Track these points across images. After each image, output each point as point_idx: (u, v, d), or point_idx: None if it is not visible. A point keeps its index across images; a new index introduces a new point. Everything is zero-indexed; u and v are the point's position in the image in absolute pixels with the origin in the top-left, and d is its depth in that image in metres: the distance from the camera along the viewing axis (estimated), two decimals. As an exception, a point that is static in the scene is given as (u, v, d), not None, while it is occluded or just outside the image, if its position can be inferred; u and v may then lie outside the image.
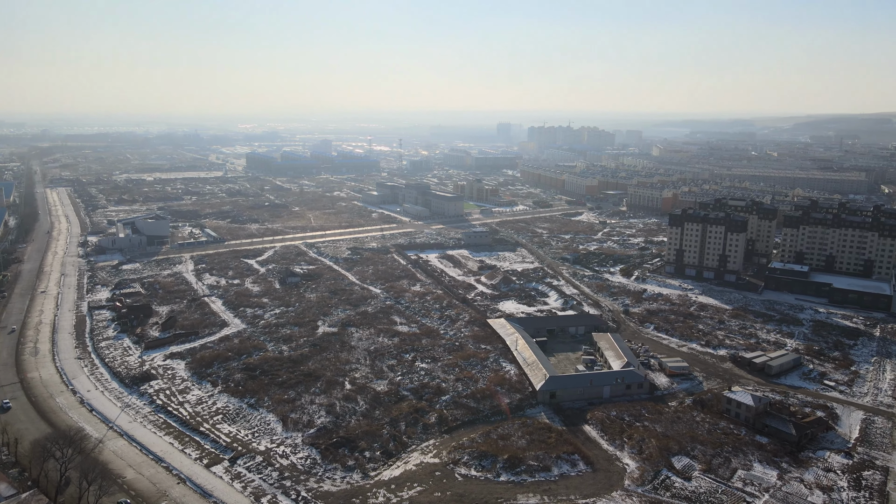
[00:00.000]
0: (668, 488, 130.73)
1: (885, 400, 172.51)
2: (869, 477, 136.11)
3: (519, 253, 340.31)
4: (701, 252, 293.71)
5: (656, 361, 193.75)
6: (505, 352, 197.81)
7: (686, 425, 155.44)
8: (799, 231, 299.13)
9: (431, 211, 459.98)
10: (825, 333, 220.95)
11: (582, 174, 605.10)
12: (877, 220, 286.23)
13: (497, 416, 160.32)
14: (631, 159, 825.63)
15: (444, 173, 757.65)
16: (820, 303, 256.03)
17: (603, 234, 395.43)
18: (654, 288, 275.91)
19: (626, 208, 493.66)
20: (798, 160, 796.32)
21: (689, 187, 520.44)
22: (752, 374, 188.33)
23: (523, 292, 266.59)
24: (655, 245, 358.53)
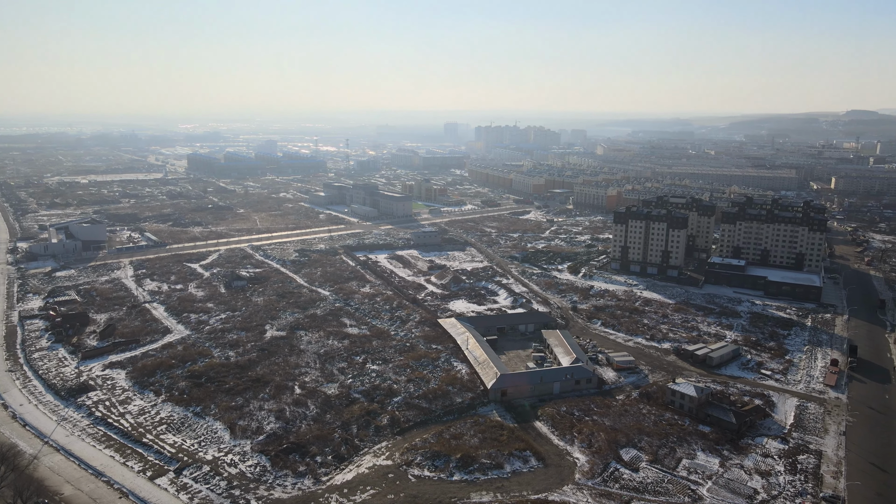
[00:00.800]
0: (616, 480, 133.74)
1: (816, 387, 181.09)
2: (804, 461, 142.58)
3: (468, 252, 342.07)
4: (645, 248, 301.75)
5: (604, 356, 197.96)
6: (456, 351, 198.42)
7: (633, 418, 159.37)
8: (736, 227, 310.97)
9: (380, 211, 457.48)
10: (761, 325, 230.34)
11: (529, 173, 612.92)
12: (806, 215, 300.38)
13: (450, 416, 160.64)
14: (576, 158, 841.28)
15: (392, 173, 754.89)
16: (756, 295, 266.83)
17: (550, 232, 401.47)
18: (601, 284, 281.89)
19: (573, 206, 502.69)
20: (734, 158, 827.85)
21: (633, 185, 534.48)
22: (695, 365, 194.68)
23: (473, 291, 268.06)
24: (601, 242, 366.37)
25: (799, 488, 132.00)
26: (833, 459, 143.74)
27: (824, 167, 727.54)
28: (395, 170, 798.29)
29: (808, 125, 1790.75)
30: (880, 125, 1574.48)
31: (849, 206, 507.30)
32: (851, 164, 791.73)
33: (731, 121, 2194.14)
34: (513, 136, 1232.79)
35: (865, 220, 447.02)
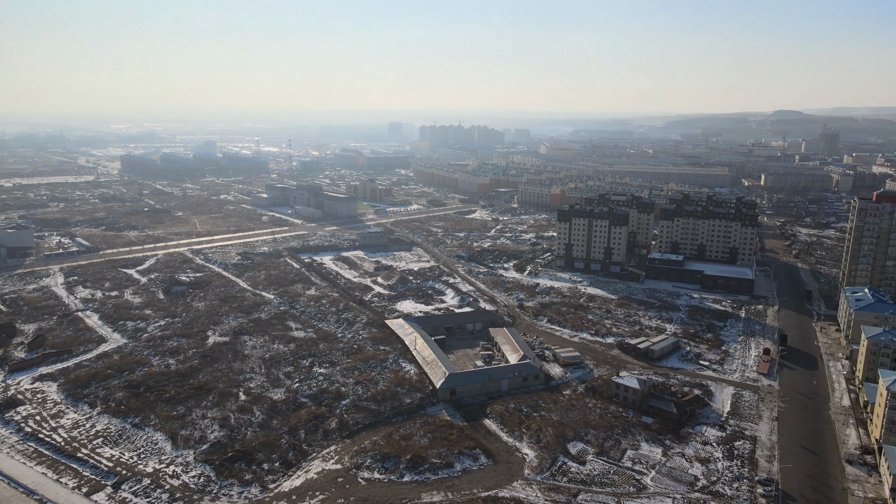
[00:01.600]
0: (564, 474, 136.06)
1: (750, 375, 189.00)
2: (740, 446, 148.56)
3: (415, 252, 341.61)
4: (588, 245, 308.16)
5: (550, 353, 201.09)
6: (404, 352, 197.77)
7: (580, 412, 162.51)
8: (674, 223, 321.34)
9: (324, 212, 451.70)
10: (699, 317, 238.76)
11: (474, 172, 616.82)
12: (739, 211, 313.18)
13: (399, 417, 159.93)
14: (520, 157, 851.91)
15: (336, 174, 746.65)
16: (694, 289, 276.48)
17: (496, 230, 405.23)
18: (546, 282, 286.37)
19: (518, 205, 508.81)
20: (671, 157, 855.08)
21: (575, 184, 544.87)
22: (638, 358, 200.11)
23: (420, 291, 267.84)
24: (546, 240, 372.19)
25: (736, 473, 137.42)
26: (767, 444, 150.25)
27: (754, 165, 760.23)
28: (340, 170, 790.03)
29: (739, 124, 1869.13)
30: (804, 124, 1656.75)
31: (777, 201, 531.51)
32: (779, 161, 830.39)
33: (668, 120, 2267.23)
34: (457, 136, 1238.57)
35: (793, 215, 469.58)
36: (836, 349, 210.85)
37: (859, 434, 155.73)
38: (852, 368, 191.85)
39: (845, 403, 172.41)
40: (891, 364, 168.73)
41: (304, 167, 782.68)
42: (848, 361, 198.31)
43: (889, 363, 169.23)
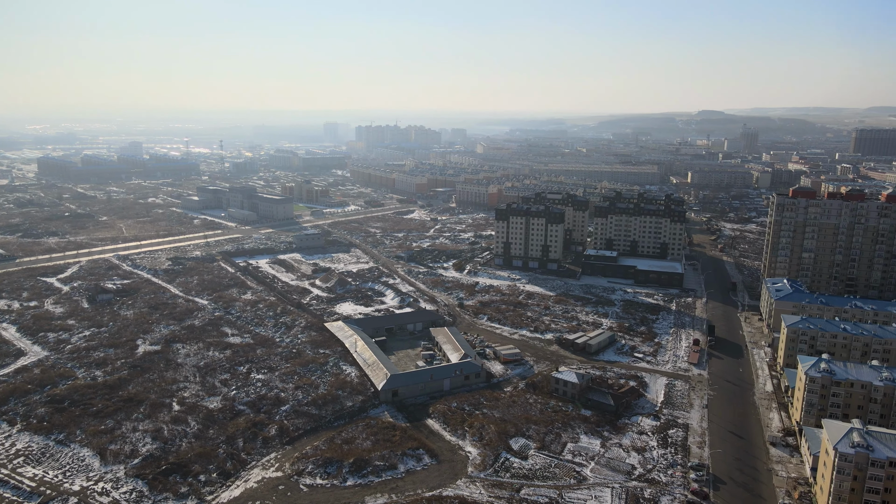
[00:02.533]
0: (507, 469, 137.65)
1: (682, 365, 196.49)
2: (673, 434, 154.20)
3: (353, 254, 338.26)
4: (526, 243, 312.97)
5: (491, 350, 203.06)
6: (344, 354, 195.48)
7: (521, 408, 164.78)
8: (607, 220, 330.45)
9: (259, 215, 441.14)
10: (633, 311, 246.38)
11: (411, 172, 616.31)
12: (668, 208, 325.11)
13: (341, 421, 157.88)
14: (457, 157, 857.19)
15: (271, 175, 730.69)
16: (628, 284, 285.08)
17: (435, 230, 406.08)
18: (486, 280, 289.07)
19: (456, 204, 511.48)
20: (603, 155, 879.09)
21: (512, 182, 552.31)
22: (576, 353, 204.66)
23: (360, 293, 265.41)
24: (484, 239, 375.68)
25: (670, 460, 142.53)
26: (698, 431, 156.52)
27: (682, 163, 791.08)
28: (274, 171, 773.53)
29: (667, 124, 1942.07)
30: (727, 124, 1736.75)
31: (703, 198, 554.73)
32: (704, 159, 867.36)
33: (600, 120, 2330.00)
34: (394, 136, 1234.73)
35: (717, 211, 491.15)
36: (759, 337, 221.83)
37: (782, 417, 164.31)
38: (774, 355, 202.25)
39: (768, 389, 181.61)
40: (808, 350, 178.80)
41: (236, 168, 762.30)
42: (770, 349, 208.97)
43: (807, 349, 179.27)
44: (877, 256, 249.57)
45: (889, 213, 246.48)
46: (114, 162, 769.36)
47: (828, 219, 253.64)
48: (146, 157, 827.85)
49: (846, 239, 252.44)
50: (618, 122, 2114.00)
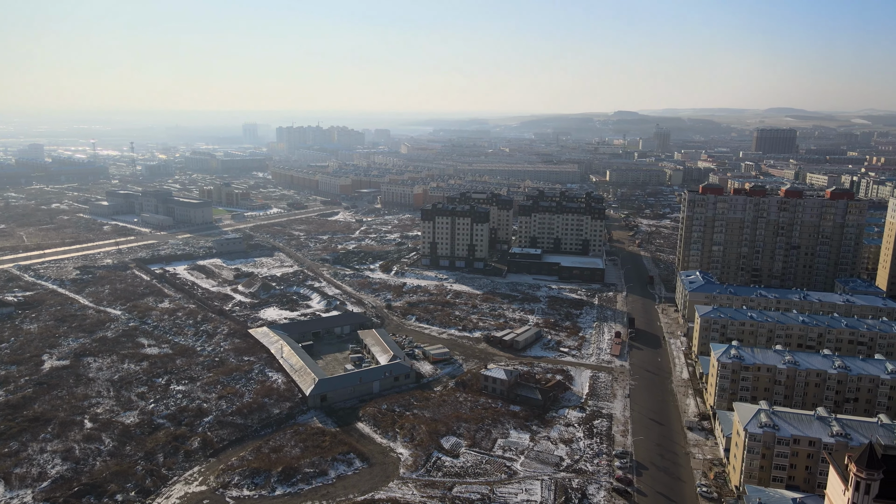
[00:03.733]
0: (439, 469, 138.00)
1: (605, 357, 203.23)
2: (598, 425, 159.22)
3: (277, 257, 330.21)
4: (452, 243, 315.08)
5: (420, 351, 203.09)
6: (270, 361, 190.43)
7: (451, 407, 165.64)
8: (531, 218, 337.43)
9: (176, 219, 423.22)
10: (558, 307, 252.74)
11: (335, 174, 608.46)
12: (588, 205, 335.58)
13: (268, 429, 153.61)
14: (382, 157, 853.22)
15: (188, 178, 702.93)
16: (552, 280, 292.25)
17: (360, 232, 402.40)
18: (413, 280, 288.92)
19: (381, 205, 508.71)
20: (526, 155, 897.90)
21: (437, 182, 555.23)
22: (504, 350, 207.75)
23: (285, 297, 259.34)
24: (411, 239, 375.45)
25: (596, 450, 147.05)
26: (621, 420, 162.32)
27: (600, 161, 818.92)
28: (191, 174, 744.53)
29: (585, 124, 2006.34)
30: (641, 124, 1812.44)
31: (621, 195, 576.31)
32: (621, 158, 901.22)
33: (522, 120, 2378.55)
34: (316, 137, 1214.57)
35: (634, 208, 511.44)
36: (675, 328, 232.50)
37: (697, 403, 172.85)
38: (689, 344, 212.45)
39: (685, 376, 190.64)
40: (720, 338, 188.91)
41: (150, 171, 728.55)
42: (686, 338, 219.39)
43: (718, 337, 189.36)
44: (778, 248, 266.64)
45: (787, 208, 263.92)
46: (11, 165, 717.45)
47: (734, 214, 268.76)
48: (48, 161, 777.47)
49: (751, 232, 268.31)
50: (539, 122, 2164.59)
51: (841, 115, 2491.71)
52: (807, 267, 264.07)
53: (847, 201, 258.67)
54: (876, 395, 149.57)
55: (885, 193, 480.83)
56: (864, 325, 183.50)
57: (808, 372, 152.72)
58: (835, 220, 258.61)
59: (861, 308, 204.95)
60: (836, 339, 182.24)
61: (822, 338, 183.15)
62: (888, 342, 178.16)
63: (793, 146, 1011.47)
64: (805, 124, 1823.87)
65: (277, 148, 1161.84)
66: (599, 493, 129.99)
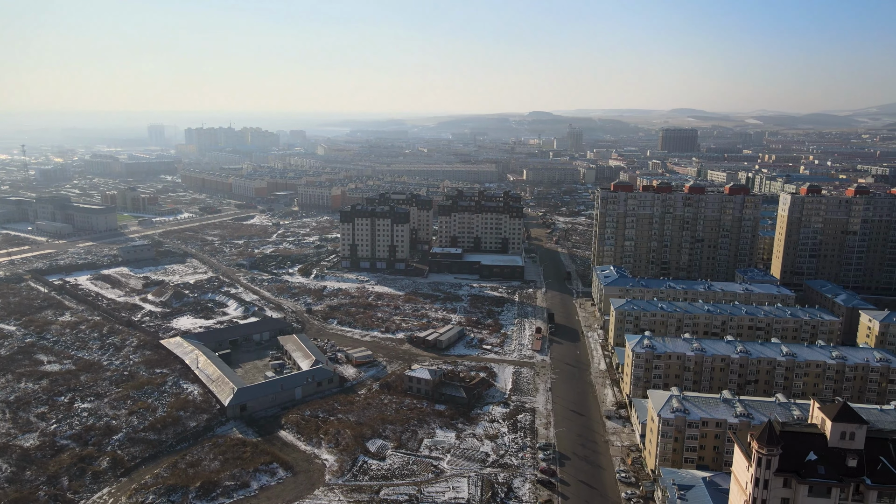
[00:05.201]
0: (366, 472, 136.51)
1: (527, 353, 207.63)
2: (522, 419, 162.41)
3: (189, 264, 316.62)
4: (372, 244, 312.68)
5: (343, 354, 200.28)
6: (185, 372, 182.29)
7: (376, 409, 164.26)
8: (451, 218, 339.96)
9: (76, 227, 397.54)
10: (480, 305, 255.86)
11: (249, 176, 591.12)
12: (507, 204, 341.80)
13: (184, 443, 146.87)
14: (298, 159, 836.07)
15: (88, 182, 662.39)
16: (473, 279, 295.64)
17: (278, 235, 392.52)
18: (334, 283, 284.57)
19: (298, 208, 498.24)
20: (444, 155, 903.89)
21: (356, 184, 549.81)
22: (427, 350, 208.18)
23: (199, 305, 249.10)
24: (330, 242, 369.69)
25: (520, 444, 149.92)
26: (544, 413, 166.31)
27: (517, 161, 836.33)
28: (92, 178, 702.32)
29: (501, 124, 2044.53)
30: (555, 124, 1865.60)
31: (538, 194, 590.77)
32: (537, 157, 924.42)
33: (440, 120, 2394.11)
34: (228, 139, 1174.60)
35: (551, 206, 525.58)
36: (592, 321, 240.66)
37: (614, 392, 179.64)
38: (606, 336, 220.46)
39: (602, 367, 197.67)
40: (634, 329, 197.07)
41: (45, 176, 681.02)
42: (602, 331, 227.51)
43: (632, 329, 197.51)
44: (684, 241, 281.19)
45: (691, 203, 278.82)
46: None
47: (644, 210, 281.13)
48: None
49: (659, 227, 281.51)
50: (456, 122, 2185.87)
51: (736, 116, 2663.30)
52: (710, 259, 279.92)
53: (744, 196, 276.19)
54: (773, 376, 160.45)
55: (776, 188, 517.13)
56: (762, 311, 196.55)
57: (713, 358, 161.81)
58: (733, 214, 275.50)
59: (759, 296, 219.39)
60: (737, 325, 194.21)
61: (726, 325, 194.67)
62: (783, 326, 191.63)
63: (695, 145, 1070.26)
64: (705, 124, 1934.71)
65: (187, 150, 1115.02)
66: (525, 486, 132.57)
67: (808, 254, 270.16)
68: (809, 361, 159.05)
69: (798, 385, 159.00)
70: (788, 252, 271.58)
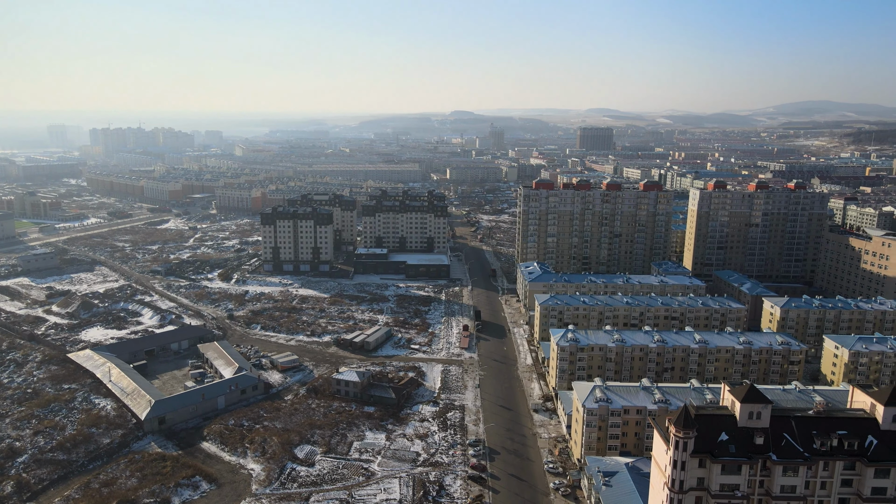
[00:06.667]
0: (294, 480, 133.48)
1: (455, 351, 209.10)
2: (452, 417, 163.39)
3: (99, 272, 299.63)
4: (295, 247, 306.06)
5: (268, 360, 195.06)
6: (97, 387, 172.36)
7: (304, 415, 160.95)
8: (375, 218, 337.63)
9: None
10: (406, 305, 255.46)
11: (163, 178, 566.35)
12: (431, 203, 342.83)
13: (97, 462, 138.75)
14: (214, 160, 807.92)
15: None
16: (399, 279, 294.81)
17: (195, 240, 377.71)
18: (256, 288, 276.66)
19: (217, 211, 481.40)
20: (367, 155, 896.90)
21: (276, 185, 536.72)
22: (355, 352, 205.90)
23: (111, 315, 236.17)
24: (251, 245, 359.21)
25: (451, 441, 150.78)
26: (473, 410, 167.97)
27: (440, 160, 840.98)
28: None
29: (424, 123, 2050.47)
30: (477, 123, 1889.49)
31: (461, 192, 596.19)
32: (460, 156, 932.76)
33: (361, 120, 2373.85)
34: (138, 140, 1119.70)
35: (475, 204, 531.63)
36: (518, 317, 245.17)
37: (541, 386, 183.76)
38: (531, 331, 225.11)
39: (528, 362, 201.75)
40: (558, 323, 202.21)
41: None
42: (528, 326, 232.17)
43: (557, 323, 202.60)
44: (603, 237, 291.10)
45: (609, 200, 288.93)
46: None
47: (564, 207, 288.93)
48: None
49: (580, 223, 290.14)
50: (378, 121, 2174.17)
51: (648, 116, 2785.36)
52: (628, 253, 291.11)
53: (657, 192, 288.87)
54: (688, 362, 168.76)
55: (686, 184, 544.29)
56: (676, 302, 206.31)
57: (633, 348, 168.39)
58: (648, 210, 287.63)
59: (673, 287, 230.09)
60: (654, 316, 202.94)
61: (643, 316, 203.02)
62: (695, 315, 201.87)
63: (610, 143, 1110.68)
64: (619, 123, 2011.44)
65: (92, 152, 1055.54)
66: (456, 483, 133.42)
67: (716, 246, 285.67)
68: (720, 347, 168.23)
69: (710, 370, 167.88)
70: (698, 244, 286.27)
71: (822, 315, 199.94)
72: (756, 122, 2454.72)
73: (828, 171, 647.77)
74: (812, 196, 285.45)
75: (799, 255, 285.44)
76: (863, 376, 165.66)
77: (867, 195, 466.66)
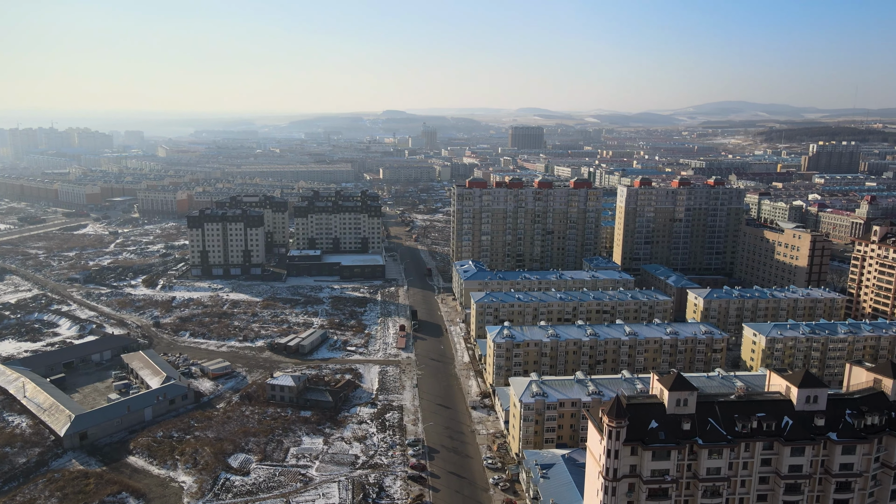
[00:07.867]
0: (229, 490, 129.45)
1: (392, 351, 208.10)
2: (390, 417, 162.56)
3: (9, 281, 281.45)
4: (225, 250, 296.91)
5: (198, 368, 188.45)
6: (10, 403, 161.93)
7: (237, 423, 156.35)
8: (308, 219, 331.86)
9: None
10: (342, 306, 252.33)
11: (79, 181, 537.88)
12: (365, 203, 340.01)
13: (12, 483, 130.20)
14: (136, 162, 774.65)
15: None
16: (334, 280, 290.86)
17: (116, 245, 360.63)
18: (184, 293, 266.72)
19: (139, 214, 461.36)
20: (298, 155, 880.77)
21: (203, 187, 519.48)
22: (290, 356, 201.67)
23: (24, 327, 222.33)
24: (178, 249, 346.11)
25: (389, 442, 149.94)
26: (411, 410, 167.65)
27: (373, 160, 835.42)
28: None
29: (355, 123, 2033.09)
30: (409, 123, 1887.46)
31: (395, 192, 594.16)
32: (392, 156, 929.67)
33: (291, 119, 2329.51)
34: (51, 140, 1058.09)
35: (409, 203, 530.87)
36: (454, 315, 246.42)
37: (479, 383, 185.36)
38: (468, 329, 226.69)
39: (466, 360, 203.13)
40: (494, 320, 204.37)
41: None
42: (464, 324, 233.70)
43: (492, 320, 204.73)
44: (536, 234, 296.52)
45: (541, 198, 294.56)
46: None
47: (498, 205, 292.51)
48: None
49: (513, 221, 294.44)
50: (309, 121, 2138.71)
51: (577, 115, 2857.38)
52: (560, 249, 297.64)
53: (587, 190, 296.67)
54: (619, 354, 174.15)
55: (614, 182, 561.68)
56: (607, 296, 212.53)
57: (567, 342, 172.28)
58: (579, 207, 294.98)
59: (603, 282, 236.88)
60: (586, 310, 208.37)
61: (576, 310, 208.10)
62: (625, 308, 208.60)
63: (541, 142, 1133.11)
64: (550, 122, 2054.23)
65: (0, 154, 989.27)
66: (396, 484, 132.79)
67: (643, 241, 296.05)
68: (648, 338, 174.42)
69: (640, 361, 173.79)
70: (627, 240, 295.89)
71: (742, 305, 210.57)
72: (677, 121, 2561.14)
73: (743, 168, 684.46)
74: (730, 192, 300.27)
75: (719, 248, 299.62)
76: (778, 361, 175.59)
77: (779, 190, 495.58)
